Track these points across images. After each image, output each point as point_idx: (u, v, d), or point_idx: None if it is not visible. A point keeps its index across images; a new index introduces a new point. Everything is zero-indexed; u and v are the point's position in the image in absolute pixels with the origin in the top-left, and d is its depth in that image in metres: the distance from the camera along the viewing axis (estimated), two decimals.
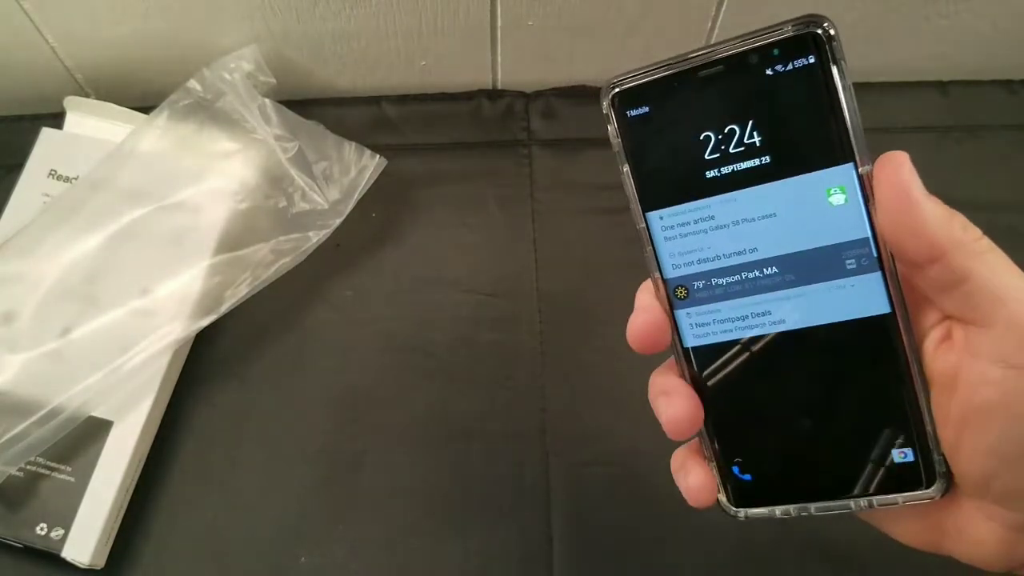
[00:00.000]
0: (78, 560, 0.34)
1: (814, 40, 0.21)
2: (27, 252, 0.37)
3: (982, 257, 0.20)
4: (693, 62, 0.22)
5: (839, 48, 0.21)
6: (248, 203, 0.39)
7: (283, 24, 0.41)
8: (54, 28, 0.41)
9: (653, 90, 0.23)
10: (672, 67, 0.22)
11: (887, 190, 0.21)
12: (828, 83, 0.21)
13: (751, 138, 0.22)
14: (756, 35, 0.22)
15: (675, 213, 0.23)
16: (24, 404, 0.35)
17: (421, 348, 0.40)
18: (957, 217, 0.20)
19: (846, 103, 0.21)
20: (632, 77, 0.23)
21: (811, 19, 0.22)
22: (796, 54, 0.22)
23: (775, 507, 0.24)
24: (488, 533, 0.37)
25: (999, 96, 0.47)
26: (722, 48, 0.22)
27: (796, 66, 0.22)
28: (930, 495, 0.22)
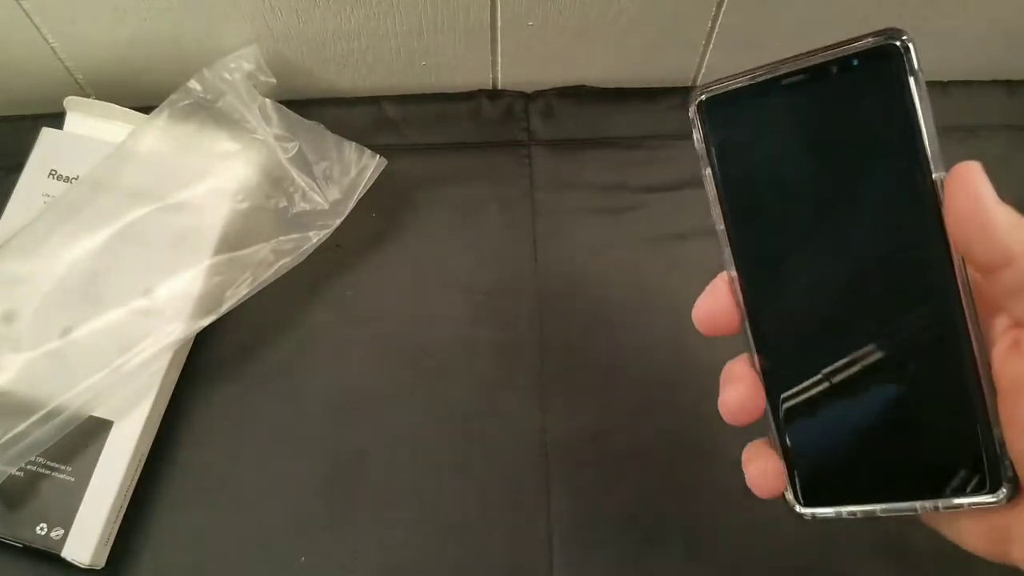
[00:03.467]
0: (78, 560, 0.34)
1: (893, 51, 0.23)
2: (28, 252, 0.37)
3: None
4: (777, 71, 0.23)
5: (916, 60, 0.23)
6: (248, 203, 0.39)
7: (284, 24, 0.41)
8: (54, 28, 0.41)
9: (738, 97, 0.24)
10: (757, 76, 0.24)
11: (959, 196, 0.21)
12: (906, 93, 0.22)
13: (831, 147, 0.23)
14: (838, 46, 0.23)
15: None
16: (25, 404, 0.35)
17: (421, 348, 0.40)
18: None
19: (921, 114, 0.22)
20: (719, 84, 0.24)
21: (890, 32, 0.23)
22: (876, 64, 0.23)
23: (842, 507, 0.24)
24: (488, 533, 0.37)
25: (999, 96, 0.47)
26: (804, 59, 0.23)
27: (875, 76, 0.23)
28: (996, 500, 0.22)
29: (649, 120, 0.46)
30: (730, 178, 0.24)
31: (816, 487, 0.25)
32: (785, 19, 0.42)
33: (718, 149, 0.24)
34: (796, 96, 0.23)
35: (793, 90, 0.23)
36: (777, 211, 0.24)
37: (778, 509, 0.37)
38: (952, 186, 0.21)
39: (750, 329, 0.25)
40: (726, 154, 0.24)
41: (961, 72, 0.46)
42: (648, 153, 0.45)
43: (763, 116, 0.24)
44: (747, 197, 0.24)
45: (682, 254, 0.42)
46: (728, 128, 0.24)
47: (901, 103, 0.22)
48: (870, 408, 0.24)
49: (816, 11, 0.42)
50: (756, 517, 0.37)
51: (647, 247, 0.42)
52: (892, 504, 0.24)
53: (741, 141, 0.24)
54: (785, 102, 0.24)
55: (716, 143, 0.24)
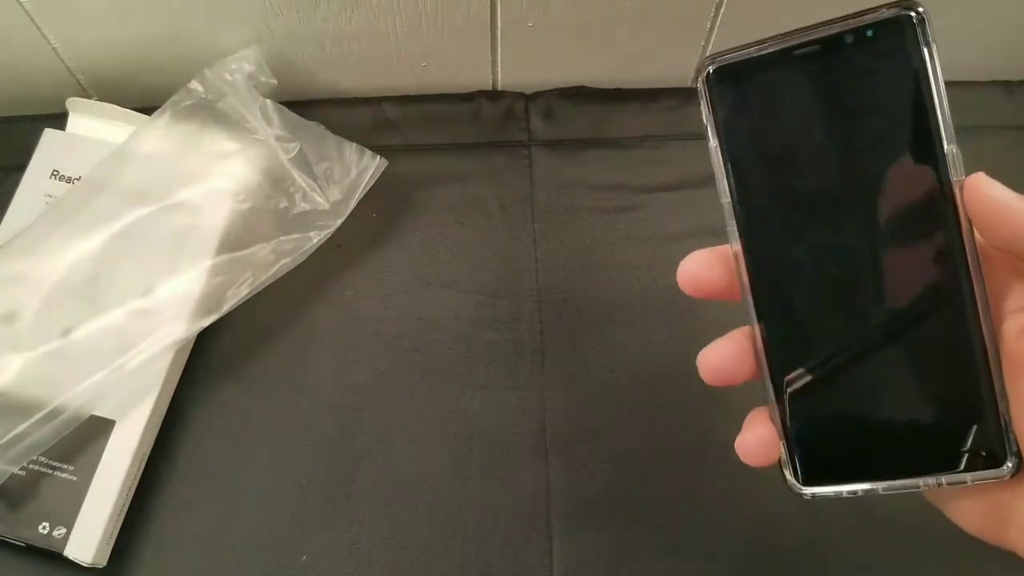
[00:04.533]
0: (80, 559, 0.34)
1: (907, 22, 0.22)
2: (29, 252, 0.38)
3: None
4: (788, 42, 0.23)
5: (931, 31, 0.22)
6: (249, 203, 0.39)
7: (284, 25, 0.41)
8: (56, 29, 0.41)
9: (747, 68, 0.23)
10: (766, 47, 0.23)
11: (982, 182, 0.21)
12: (920, 64, 0.22)
13: (842, 118, 0.23)
14: (850, 17, 0.23)
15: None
16: (26, 404, 0.35)
17: (421, 348, 0.40)
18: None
19: (934, 85, 0.22)
20: (727, 55, 0.24)
21: (906, 3, 0.22)
22: (890, 35, 0.22)
23: (843, 486, 0.24)
24: (488, 533, 0.37)
25: (999, 96, 0.47)
26: (817, 30, 0.23)
27: (889, 46, 0.22)
28: (1000, 475, 0.22)
29: (649, 120, 0.46)
30: (737, 150, 0.24)
31: (817, 466, 0.24)
32: (785, 19, 0.42)
33: (725, 121, 0.24)
34: (807, 67, 0.23)
35: (805, 61, 0.23)
36: (784, 184, 0.24)
37: (783, 506, 0.37)
38: (974, 180, 0.22)
39: (753, 303, 0.24)
40: (734, 126, 0.24)
41: (961, 72, 0.46)
42: (648, 153, 0.45)
43: (773, 88, 0.23)
44: (754, 170, 0.24)
45: (682, 254, 0.42)
46: (736, 100, 0.24)
47: (915, 74, 0.22)
48: (874, 384, 0.23)
49: (816, 11, 0.42)
50: (758, 515, 0.37)
51: (647, 247, 0.42)
52: (895, 481, 0.23)
53: (749, 113, 0.24)
54: (796, 73, 0.23)
55: (724, 115, 0.24)
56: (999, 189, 0.22)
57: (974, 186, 0.22)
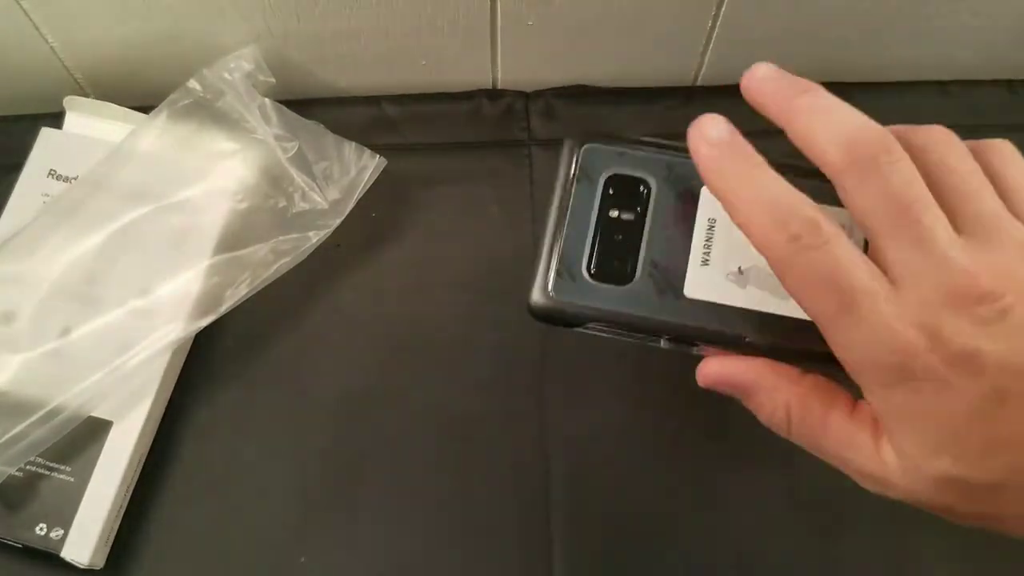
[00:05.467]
0: (77, 560, 0.34)
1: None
2: (26, 252, 0.37)
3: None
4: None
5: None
6: (248, 203, 0.39)
7: (283, 24, 0.41)
8: (53, 27, 0.41)
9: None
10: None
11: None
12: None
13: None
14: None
15: None
16: (24, 404, 0.35)
17: (421, 348, 0.40)
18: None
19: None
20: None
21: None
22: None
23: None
24: (488, 533, 0.37)
25: (999, 96, 0.47)
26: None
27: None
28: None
29: (649, 120, 0.46)
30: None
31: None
32: (785, 19, 0.42)
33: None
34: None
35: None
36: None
37: (785, 508, 0.37)
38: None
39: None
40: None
41: (961, 72, 0.46)
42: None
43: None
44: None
45: None
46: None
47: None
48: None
49: (816, 11, 0.42)
50: (760, 515, 0.37)
51: None
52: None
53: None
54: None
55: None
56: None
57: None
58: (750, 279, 0.25)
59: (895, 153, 0.22)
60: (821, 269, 0.21)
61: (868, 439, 0.23)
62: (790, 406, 0.24)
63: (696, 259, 0.25)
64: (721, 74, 0.45)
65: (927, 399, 0.21)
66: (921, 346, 0.21)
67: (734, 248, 0.25)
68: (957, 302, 0.20)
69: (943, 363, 0.20)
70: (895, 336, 0.21)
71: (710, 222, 0.26)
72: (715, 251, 0.26)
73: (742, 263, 0.25)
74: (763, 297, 0.25)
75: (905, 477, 0.22)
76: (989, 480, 0.21)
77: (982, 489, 0.21)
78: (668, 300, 0.25)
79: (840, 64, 0.45)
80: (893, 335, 0.21)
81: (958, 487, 0.21)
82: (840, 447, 0.23)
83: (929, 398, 0.21)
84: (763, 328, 0.25)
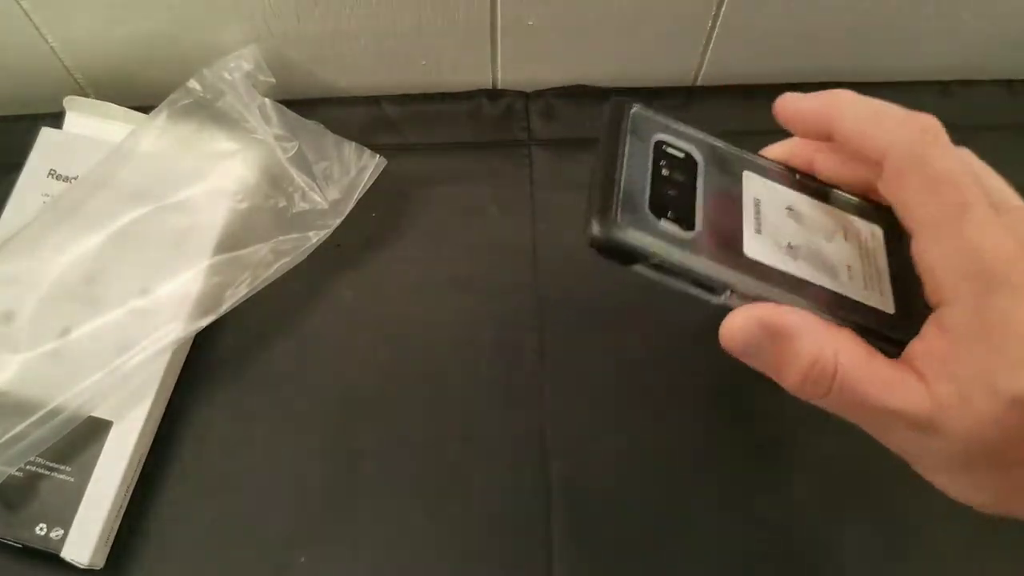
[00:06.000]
0: (77, 560, 0.34)
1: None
2: (27, 252, 0.37)
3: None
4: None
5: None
6: (248, 203, 0.39)
7: (283, 24, 0.41)
8: (54, 28, 0.41)
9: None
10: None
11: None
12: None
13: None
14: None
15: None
16: (24, 404, 0.35)
17: (421, 348, 0.40)
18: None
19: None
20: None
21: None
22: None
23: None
24: (488, 533, 0.37)
25: (999, 96, 0.47)
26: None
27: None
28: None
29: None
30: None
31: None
32: (785, 19, 0.42)
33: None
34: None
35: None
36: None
37: (784, 509, 0.37)
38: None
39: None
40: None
41: (961, 72, 0.46)
42: None
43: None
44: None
45: None
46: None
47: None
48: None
49: (815, 11, 0.42)
50: (761, 516, 0.37)
51: None
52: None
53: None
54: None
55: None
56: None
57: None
58: (799, 255, 0.25)
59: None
60: (944, 166, 0.23)
61: (915, 381, 0.23)
62: (837, 350, 0.24)
63: (750, 226, 0.26)
64: (721, 74, 0.45)
65: (1021, 312, 0.21)
66: (1022, 260, 0.21)
67: (783, 226, 0.26)
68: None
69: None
70: (1002, 242, 0.22)
71: (756, 202, 0.26)
72: (765, 226, 0.26)
73: (792, 239, 0.26)
74: (813, 273, 0.25)
75: (967, 408, 0.22)
76: None
77: None
78: (731, 255, 0.25)
79: (840, 64, 0.45)
80: (1001, 241, 0.22)
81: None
82: (886, 392, 0.23)
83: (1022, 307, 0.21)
84: (817, 298, 0.25)
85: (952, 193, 0.23)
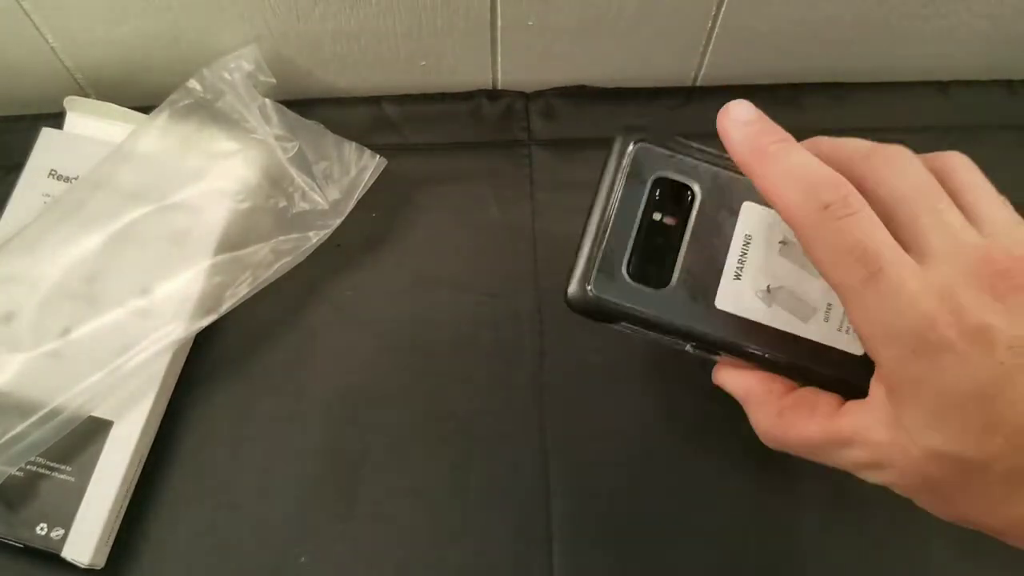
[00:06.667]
0: (78, 560, 0.34)
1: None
2: (27, 252, 0.37)
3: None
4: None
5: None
6: (248, 203, 0.39)
7: (283, 24, 0.41)
8: (54, 28, 0.41)
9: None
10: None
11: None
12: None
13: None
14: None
15: None
16: (24, 404, 0.35)
17: (421, 348, 0.40)
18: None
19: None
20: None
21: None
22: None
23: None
24: (488, 533, 0.37)
25: (999, 96, 0.47)
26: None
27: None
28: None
29: (649, 120, 0.46)
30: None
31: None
32: (785, 19, 0.42)
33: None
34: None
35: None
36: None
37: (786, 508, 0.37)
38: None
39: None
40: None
41: (961, 72, 0.46)
42: None
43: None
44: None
45: None
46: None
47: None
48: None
49: (815, 11, 0.42)
50: (762, 515, 0.37)
51: None
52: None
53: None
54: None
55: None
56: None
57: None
58: (776, 298, 0.26)
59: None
60: (850, 237, 0.22)
61: (861, 425, 0.24)
62: (775, 423, 0.26)
63: (730, 272, 0.26)
64: (721, 74, 0.45)
65: (939, 371, 0.22)
66: (941, 318, 0.21)
67: (765, 266, 0.27)
68: (978, 276, 0.22)
69: (960, 336, 0.21)
70: (917, 306, 0.22)
71: (746, 238, 0.27)
72: (748, 267, 0.27)
73: (771, 282, 0.26)
74: (786, 318, 0.26)
75: (900, 452, 0.23)
76: (983, 458, 0.22)
77: (975, 468, 0.22)
78: (699, 309, 0.26)
79: (840, 64, 0.45)
80: (916, 305, 0.22)
81: (952, 464, 0.22)
82: (831, 440, 0.24)
83: (941, 371, 0.22)
84: (782, 347, 0.26)
85: (857, 267, 0.22)
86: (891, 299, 0.22)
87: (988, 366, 0.21)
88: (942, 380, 0.22)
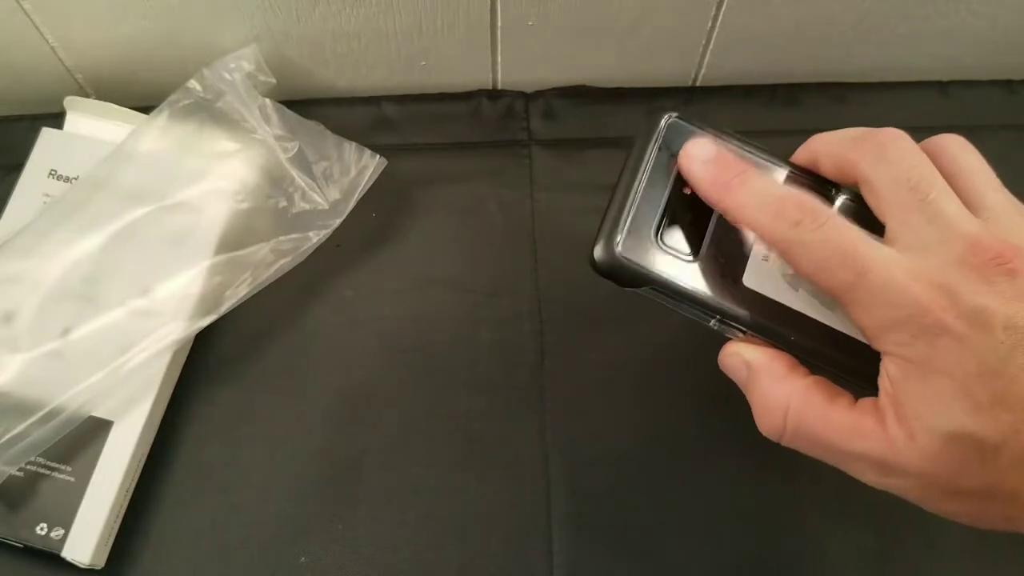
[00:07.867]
0: (78, 560, 0.34)
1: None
2: (27, 252, 0.37)
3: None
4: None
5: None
6: (248, 203, 0.39)
7: (283, 24, 0.41)
8: (54, 28, 0.41)
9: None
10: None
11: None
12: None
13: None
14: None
15: None
16: (24, 404, 0.35)
17: (421, 348, 0.40)
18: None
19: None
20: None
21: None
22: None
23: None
24: (488, 533, 0.37)
25: (999, 96, 0.47)
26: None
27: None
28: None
29: None
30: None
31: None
32: (784, 19, 0.42)
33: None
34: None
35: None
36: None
37: (785, 502, 0.37)
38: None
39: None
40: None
41: (961, 72, 0.46)
42: None
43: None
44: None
45: None
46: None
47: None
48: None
49: (815, 11, 0.42)
50: (762, 513, 0.37)
51: None
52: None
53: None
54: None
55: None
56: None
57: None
58: (803, 284, 0.26)
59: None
60: (828, 245, 0.23)
61: (872, 423, 0.24)
62: (789, 407, 0.25)
63: (759, 253, 0.26)
64: (721, 74, 0.45)
65: (941, 354, 0.22)
66: (936, 303, 0.22)
67: None
68: (968, 263, 0.22)
69: (956, 318, 0.22)
70: (909, 293, 0.22)
71: None
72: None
73: None
74: (812, 303, 0.26)
75: (913, 446, 0.23)
76: (996, 437, 0.22)
77: (989, 449, 0.22)
78: (727, 284, 0.26)
79: (839, 64, 0.45)
80: (907, 292, 0.22)
81: (967, 446, 0.22)
82: (843, 436, 0.24)
83: (943, 353, 0.22)
84: (808, 331, 0.26)
85: (842, 271, 0.23)
86: (882, 292, 0.23)
87: (989, 345, 0.22)
88: (946, 362, 0.22)
